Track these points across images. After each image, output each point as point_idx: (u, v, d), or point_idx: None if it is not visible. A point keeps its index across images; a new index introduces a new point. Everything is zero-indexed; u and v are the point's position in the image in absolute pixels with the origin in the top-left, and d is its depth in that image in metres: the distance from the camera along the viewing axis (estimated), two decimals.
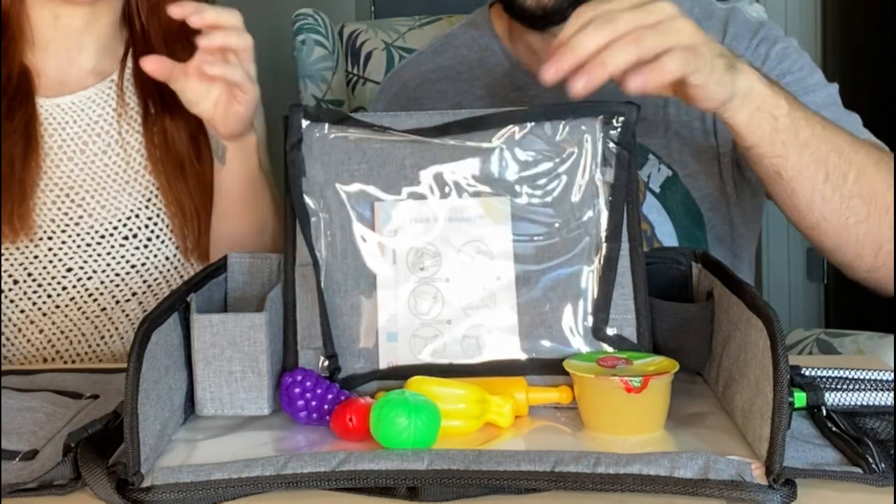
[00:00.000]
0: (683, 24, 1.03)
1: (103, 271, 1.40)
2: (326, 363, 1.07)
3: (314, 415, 1.00)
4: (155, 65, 1.22)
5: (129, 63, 1.47)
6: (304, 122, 1.11)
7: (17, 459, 0.96)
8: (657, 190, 1.42)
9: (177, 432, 1.00)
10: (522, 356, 1.07)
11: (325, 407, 1.00)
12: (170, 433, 0.98)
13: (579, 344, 1.07)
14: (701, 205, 1.44)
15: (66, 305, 1.39)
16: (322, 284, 1.08)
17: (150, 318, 0.94)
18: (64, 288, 1.39)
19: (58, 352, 1.39)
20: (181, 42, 1.43)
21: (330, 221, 1.10)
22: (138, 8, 1.47)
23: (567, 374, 1.01)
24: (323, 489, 0.89)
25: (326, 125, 1.11)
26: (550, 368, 1.05)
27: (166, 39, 1.45)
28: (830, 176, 1.16)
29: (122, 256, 1.40)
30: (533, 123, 1.10)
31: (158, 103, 1.43)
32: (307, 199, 1.10)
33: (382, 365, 1.07)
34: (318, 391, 1.01)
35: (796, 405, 0.98)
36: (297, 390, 1.01)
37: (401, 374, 1.05)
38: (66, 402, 1.09)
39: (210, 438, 0.99)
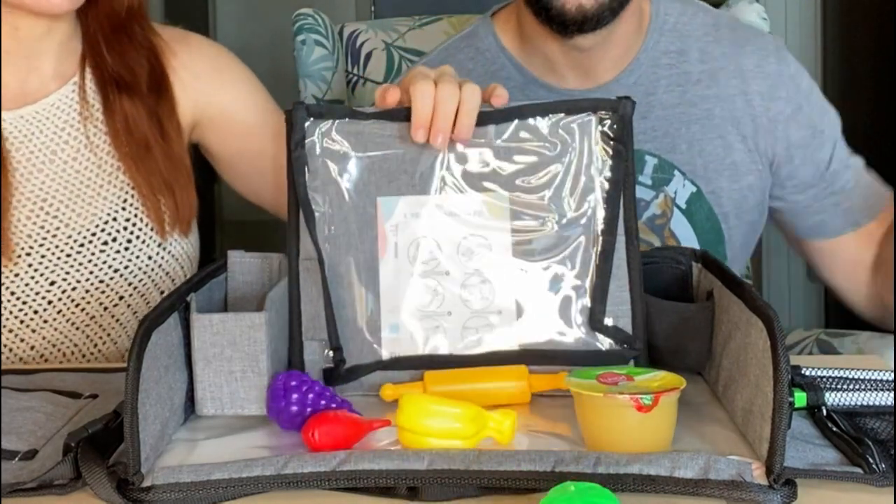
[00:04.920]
0: None
1: (87, 280, 1.36)
2: (332, 354, 1.09)
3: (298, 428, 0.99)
4: None
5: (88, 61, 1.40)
6: (308, 120, 1.12)
7: (17, 459, 0.96)
8: (683, 206, 1.43)
9: (177, 432, 1.00)
10: (521, 347, 1.09)
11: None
12: (170, 433, 0.98)
13: (577, 335, 1.09)
14: (722, 221, 1.45)
15: (55, 319, 1.35)
16: (326, 278, 1.10)
17: (150, 317, 0.93)
18: (49, 302, 1.35)
19: (51, 365, 1.37)
20: (125, 31, 1.40)
21: (333, 216, 1.12)
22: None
23: (565, 363, 1.01)
24: (323, 489, 0.89)
25: (329, 122, 1.12)
26: (549, 359, 1.08)
27: (111, 30, 1.40)
28: None
29: (104, 262, 1.36)
30: (531, 119, 1.11)
31: (115, 89, 1.39)
32: (311, 194, 1.12)
33: (385, 356, 1.10)
34: (293, 408, 0.99)
35: (796, 405, 0.98)
36: (272, 404, 1.00)
37: (403, 365, 1.09)
38: (65, 402, 1.09)
39: (210, 438, 0.99)
